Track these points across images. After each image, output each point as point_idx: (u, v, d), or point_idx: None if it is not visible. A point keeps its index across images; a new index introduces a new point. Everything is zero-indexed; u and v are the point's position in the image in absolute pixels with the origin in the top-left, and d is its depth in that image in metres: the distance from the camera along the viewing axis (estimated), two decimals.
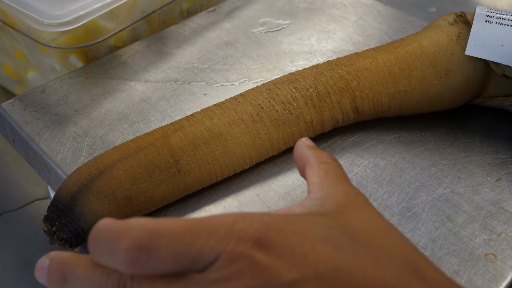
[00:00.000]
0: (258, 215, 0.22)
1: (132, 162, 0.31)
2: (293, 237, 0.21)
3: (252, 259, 0.20)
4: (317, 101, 0.35)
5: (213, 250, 0.20)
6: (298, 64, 0.43)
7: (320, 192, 0.25)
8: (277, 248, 0.21)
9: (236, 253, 0.20)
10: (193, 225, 0.20)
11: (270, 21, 0.49)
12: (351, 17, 0.49)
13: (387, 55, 0.36)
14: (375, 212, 0.24)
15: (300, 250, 0.21)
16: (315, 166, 0.27)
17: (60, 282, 0.22)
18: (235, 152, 0.33)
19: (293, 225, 0.22)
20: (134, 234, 0.20)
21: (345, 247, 0.21)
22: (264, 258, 0.20)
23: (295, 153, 0.29)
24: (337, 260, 0.21)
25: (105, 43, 0.45)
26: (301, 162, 0.28)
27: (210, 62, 0.44)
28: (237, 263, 0.20)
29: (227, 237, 0.20)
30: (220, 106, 0.34)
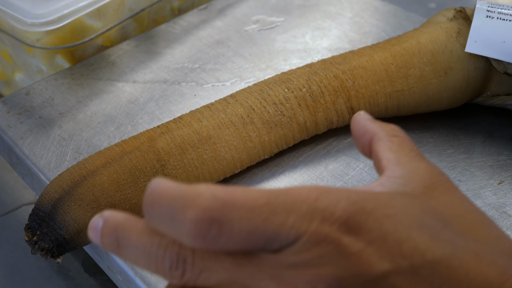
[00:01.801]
0: (345, 192, 0.19)
1: (116, 167, 0.29)
2: (386, 221, 0.18)
3: (338, 243, 0.18)
4: (311, 101, 0.33)
5: (293, 229, 0.17)
6: (292, 63, 0.42)
7: (399, 170, 0.22)
8: (368, 233, 0.18)
9: (321, 235, 0.17)
10: (270, 198, 0.18)
11: (264, 18, 0.47)
12: (347, 14, 0.47)
13: (384, 53, 0.34)
14: (466, 197, 0.21)
15: (394, 238, 0.18)
16: (385, 139, 0.23)
17: (114, 246, 0.19)
18: (225, 156, 0.31)
19: (385, 207, 0.19)
20: (204, 203, 0.17)
21: (443, 237, 0.19)
22: (352, 244, 0.18)
23: (356, 127, 0.25)
24: (436, 252, 0.18)
25: (92, 42, 0.43)
26: (365, 136, 0.24)
27: (201, 61, 0.42)
28: (321, 247, 0.17)
29: (309, 215, 0.18)
30: (209, 107, 0.33)
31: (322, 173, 0.33)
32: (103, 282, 0.39)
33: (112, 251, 0.19)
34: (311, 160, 0.34)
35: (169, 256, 0.18)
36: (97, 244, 0.20)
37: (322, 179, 0.33)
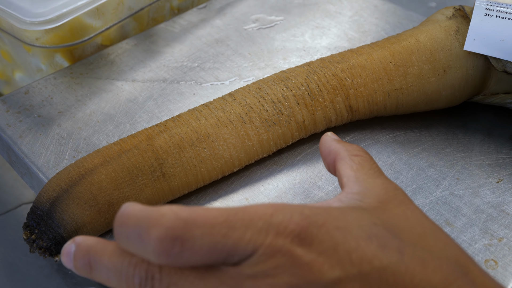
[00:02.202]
0: (298, 207, 0.20)
1: (115, 166, 0.29)
2: (336, 233, 0.20)
3: (292, 254, 0.19)
4: (309, 100, 0.33)
5: (250, 243, 0.19)
6: (291, 62, 0.42)
7: (357, 186, 0.24)
8: (319, 244, 0.19)
9: (275, 248, 0.19)
10: (229, 216, 0.19)
11: (263, 17, 0.47)
12: (347, 13, 0.47)
13: (383, 51, 0.34)
14: (418, 209, 0.23)
15: (343, 247, 0.19)
16: (347, 159, 0.25)
17: (86, 269, 0.21)
18: (223, 154, 0.31)
19: (336, 220, 0.20)
20: (167, 223, 0.18)
21: (391, 245, 0.20)
22: (305, 254, 0.19)
23: (322, 147, 0.27)
24: (383, 259, 0.20)
25: (91, 41, 0.43)
26: (330, 156, 0.27)
27: (200, 60, 0.42)
28: (276, 258, 0.19)
29: (265, 230, 0.19)
30: (208, 106, 0.33)
31: (320, 171, 0.33)
32: None
33: (85, 274, 0.21)
34: (310, 159, 0.34)
35: (138, 274, 0.20)
36: (70, 268, 0.21)
37: (320, 178, 0.33)
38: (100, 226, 0.29)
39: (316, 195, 0.32)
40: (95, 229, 0.29)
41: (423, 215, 0.23)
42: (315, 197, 0.32)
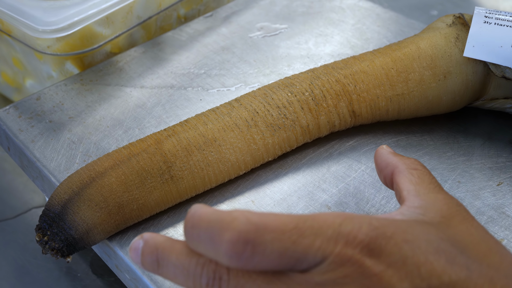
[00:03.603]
0: (366, 218, 0.20)
1: (124, 169, 0.30)
2: (405, 246, 0.20)
3: (361, 265, 0.19)
4: (313, 105, 0.34)
5: (320, 251, 0.19)
6: (295, 68, 0.43)
7: (418, 200, 0.24)
8: (388, 256, 0.19)
9: (345, 257, 0.19)
10: (298, 223, 0.19)
11: (267, 25, 0.48)
12: (349, 21, 0.48)
13: (385, 58, 0.35)
14: (481, 226, 0.23)
15: (412, 261, 0.19)
16: (406, 172, 0.25)
17: (154, 266, 0.21)
18: (230, 158, 0.32)
19: (404, 233, 0.20)
20: (239, 227, 0.19)
21: (459, 261, 0.20)
22: (374, 266, 0.19)
23: (378, 160, 0.27)
24: (452, 275, 0.20)
25: (101, 49, 0.45)
26: (387, 169, 0.26)
27: (206, 67, 0.44)
28: (345, 268, 0.19)
29: (334, 239, 0.19)
30: (215, 111, 0.34)
31: (324, 175, 0.34)
32: (110, 283, 0.40)
33: (152, 270, 0.21)
34: (314, 162, 0.35)
35: (206, 274, 0.20)
36: (137, 263, 0.21)
37: (324, 181, 0.34)
38: (110, 227, 0.29)
39: (321, 198, 0.32)
40: (105, 231, 0.29)
41: (486, 233, 0.23)
42: (319, 200, 0.32)
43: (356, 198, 0.32)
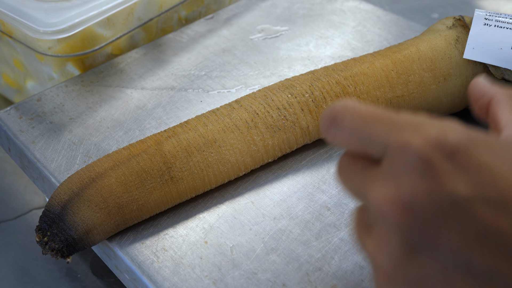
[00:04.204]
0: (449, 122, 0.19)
1: (124, 169, 0.30)
2: (486, 154, 0.18)
3: (428, 161, 0.18)
4: (313, 106, 0.34)
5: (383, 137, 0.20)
6: (296, 70, 0.43)
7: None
8: (461, 158, 0.18)
9: (408, 146, 0.19)
10: (379, 114, 0.20)
11: (268, 27, 0.48)
12: (350, 23, 0.48)
13: (385, 60, 0.35)
14: None
15: (490, 170, 0.18)
16: (505, 101, 0.23)
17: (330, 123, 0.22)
18: (229, 159, 0.32)
19: (490, 144, 0.19)
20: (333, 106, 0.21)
21: None
22: (440, 162, 0.18)
23: (473, 90, 0.25)
24: None
25: (102, 51, 0.45)
26: (483, 98, 0.24)
27: (207, 69, 0.44)
28: (410, 158, 0.18)
29: (404, 129, 0.19)
30: (215, 112, 0.34)
31: (324, 176, 0.34)
32: (110, 284, 0.40)
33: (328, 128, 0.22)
34: (314, 164, 0.35)
35: None
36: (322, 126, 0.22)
37: (324, 182, 0.34)
38: (110, 228, 0.29)
39: (320, 199, 0.32)
40: (105, 231, 0.29)
41: None
42: (319, 201, 0.32)
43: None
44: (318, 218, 0.31)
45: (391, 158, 0.19)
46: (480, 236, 0.18)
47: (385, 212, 0.19)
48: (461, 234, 0.18)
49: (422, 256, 0.19)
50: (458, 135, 0.19)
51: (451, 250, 0.18)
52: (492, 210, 0.18)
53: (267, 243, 0.30)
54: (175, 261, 0.29)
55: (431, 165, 0.18)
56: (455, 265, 0.18)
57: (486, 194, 0.18)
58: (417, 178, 0.18)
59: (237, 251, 0.30)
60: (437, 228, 0.18)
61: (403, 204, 0.18)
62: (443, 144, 0.18)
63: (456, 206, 0.18)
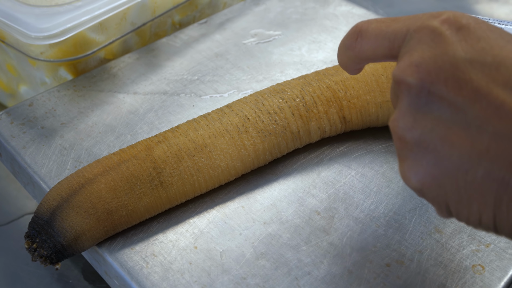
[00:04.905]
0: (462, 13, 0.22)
1: (114, 175, 0.30)
2: (487, 30, 0.21)
3: (435, 29, 0.21)
4: (304, 111, 0.34)
5: (405, 26, 0.23)
6: (288, 75, 0.43)
7: None
8: (465, 30, 0.21)
9: (422, 25, 0.22)
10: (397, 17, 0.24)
11: (262, 32, 0.49)
12: (343, 28, 0.49)
13: (375, 64, 0.35)
14: None
15: (488, 41, 0.21)
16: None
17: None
18: (220, 164, 0.32)
19: (493, 27, 0.21)
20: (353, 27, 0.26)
21: None
22: (447, 32, 0.21)
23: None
24: None
25: (94, 55, 0.45)
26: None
27: (200, 73, 0.44)
28: (420, 33, 0.22)
29: (423, 17, 0.22)
30: (206, 117, 0.34)
31: (314, 180, 0.34)
32: None
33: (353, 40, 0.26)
34: (305, 168, 0.35)
35: None
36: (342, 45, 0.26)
37: (314, 186, 0.34)
38: (99, 234, 0.29)
39: (310, 203, 0.32)
40: (94, 237, 0.29)
41: None
42: (309, 205, 0.32)
43: (346, 204, 0.32)
44: (308, 223, 0.31)
45: (410, 39, 0.22)
46: (475, 94, 0.20)
47: (397, 78, 0.22)
48: (459, 92, 0.20)
49: (426, 115, 0.21)
50: (468, 17, 0.22)
51: (450, 106, 0.21)
52: (486, 72, 0.20)
53: (256, 248, 0.30)
54: (164, 266, 0.29)
55: (439, 34, 0.21)
56: (452, 120, 0.21)
57: (482, 58, 0.20)
58: (426, 46, 0.21)
59: (226, 256, 0.29)
60: (439, 86, 0.21)
61: (411, 67, 0.21)
62: (453, 20, 0.22)
63: (456, 68, 0.21)
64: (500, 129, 0.20)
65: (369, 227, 0.31)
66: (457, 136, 0.21)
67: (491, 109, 0.20)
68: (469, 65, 0.20)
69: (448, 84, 0.21)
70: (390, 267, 0.29)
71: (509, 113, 0.19)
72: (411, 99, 0.22)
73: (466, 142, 0.20)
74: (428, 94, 0.21)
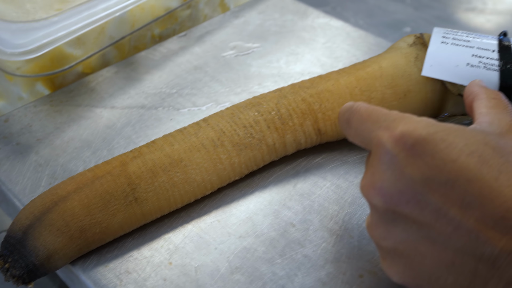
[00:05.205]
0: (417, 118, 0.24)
1: (88, 192, 0.30)
2: (440, 143, 0.22)
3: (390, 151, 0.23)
4: (280, 124, 0.34)
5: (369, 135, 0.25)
6: (266, 87, 0.44)
7: (487, 118, 0.26)
8: (419, 147, 0.22)
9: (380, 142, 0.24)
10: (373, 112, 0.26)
11: (240, 44, 0.49)
12: (320, 40, 0.49)
13: (349, 77, 0.36)
14: None
15: (442, 156, 0.22)
16: (484, 99, 0.27)
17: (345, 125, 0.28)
18: (196, 178, 0.32)
19: (447, 133, 0.22)
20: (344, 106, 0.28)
21: (492, 164, 0.21)
22: (402, 154, 0.23)
23: (465, 90, 0.29)
24: (477, 172, 0.21)
25: (72, 70, 0.45)
26: (470, 96, 0.29)
27: (178, 86, 0.44)
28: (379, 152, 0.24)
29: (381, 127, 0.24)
30: (182, 131, 0.34)
31: (290, 192, 0.34)
32: None
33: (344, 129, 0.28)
34: (281, 180, 0.35)
35: None
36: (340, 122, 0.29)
37: (290, 198, 0.34)
38: (72, 252, 0.29)
39: (286, 216, 0.33)
40: (67, 256, 0.29)
41: None
42: (284, 218, 0.33)
43: (320, 215, 0.33)
44: (283, 235, 0.31)
45: (372, 152, 0.25)
46: (436, 214, 0.22)
47: (364, 196, 0.25)
48: (421, 212, 0.22)
49: (396, 227, 0.23)
50: (419, 129, 0.23)
51: (415, 223, 0.22)
52: (442, 191, 0.21)
53: (231, 262, 0.30)
54: (138, 283, 0.29)
55: (395, 156, 0.23)
56: (420, 234, 0.22)
57: (438, 177, 0.22)
58: (385, 167, 0.23)
59: (201, 271, 0.30)
60: (402, 207, 0.22)
61: (375, 190, 0.24)
62: (406, 138, 0.23)
63: (414, 190, 0.22)
64: (461, 246, 0.21)
65: (343, 238, 0.31)
66: (426, 248, 0.22)
67: (451, 228, 0.21)
68: (427, 186, 0.22)
69: (410, 206, 0.22)
70: (363, 278, 0.29)
71: (467, 232, 0.21)
72: (379, 215, 0.24)
73: (434, 254, 0.22)
74: (393, 213, 0.23)
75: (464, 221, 0.21)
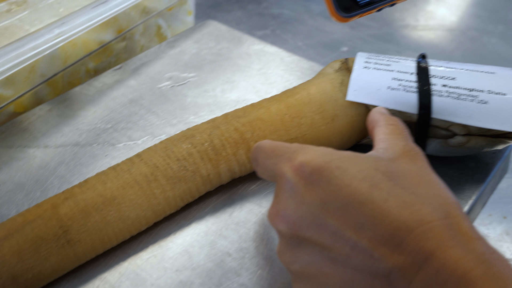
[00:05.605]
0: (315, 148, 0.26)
1: (18, 238, 0.29)
2: (336, 171, 0.24)
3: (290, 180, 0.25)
4: (213, 154, 0.35)
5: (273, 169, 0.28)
6: (202, 117, 0.44)
7: (383, 144, 0.28)
8: (316, 174, 0.24)
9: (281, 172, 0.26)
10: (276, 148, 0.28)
11: (176, 75, 0.50)
12: (255, 66, 0.51)
13: (279, 104, 0.37)
14: (425, 165, 0.26)
15: (336, 182, 0.24)
16: (383, 126, 0.29)
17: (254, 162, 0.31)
18: (130, 215, 0.32)
19: (341, 161, 0.25)
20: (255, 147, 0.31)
21: (382, 187, 0.23)
22: (301, 183, 0.25)
23: (368, 117, 0.32)
24: (368, 196, 0.23)
25: (3, 110, 0.44)
26: (371, 124, 0.31)
27: (113, 121, 0.44)
28: (281, 181, 0.26)
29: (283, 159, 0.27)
30: (115, 168, 0.34)
31: (226, 221, 0.35)
32: None
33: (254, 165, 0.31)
34: (218, 210, 0.36)
35: None
36: None
37: (226, 228, 0.34)
38: None
39: (222, 245, 0.33)
40: None
41: (427, 169, 0.26)
42: (221, 248, 0.33)
43: (256, 242, 0.33)
44: (219, 265, 0.32)
45: (277, 183, 0.27)
46: (334, 236, 0.24)
47: (271, 223, 0.26)
48: (321, 235, 0.24)
49: (302, 251, 0.25)
50: (316, 159, 0.25)
51: (317, 245, 0.24)
52: (338, 215, 0.23)
53: None
54: None
55: (295, 184, 0.25)
56: (322, 256, 0.24)
57: (334, 202, 0.24)
58: (287, 195, 0.25)
59: None
60: (304, 232, 0.24)
61: (279, 217, 0.26)
62: (304, 167, 0.25)
63: (314, 215, 0.24)
64: (358, 264, 0.23)
65: (278, 263, 0.32)
66: (329, 269, 0.24)
67: (348, 248, 0.23)
68: (325, 211, 0.24)
69: (311, 230, 0.24)
70: None
71: (362, 251, 0.23)
72: (285, 240, 0.26)
73: (336, 274, 0.24)
74: (297, 238, 0.25)
75: (359, 241, 0.23)
